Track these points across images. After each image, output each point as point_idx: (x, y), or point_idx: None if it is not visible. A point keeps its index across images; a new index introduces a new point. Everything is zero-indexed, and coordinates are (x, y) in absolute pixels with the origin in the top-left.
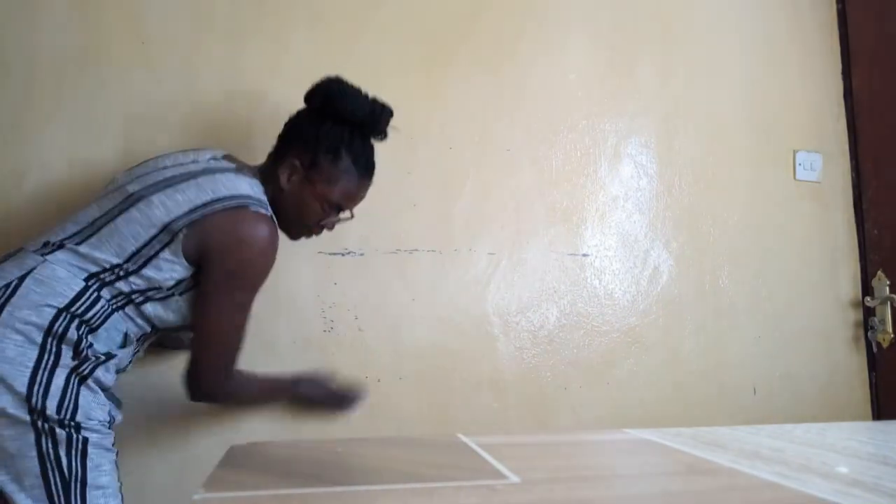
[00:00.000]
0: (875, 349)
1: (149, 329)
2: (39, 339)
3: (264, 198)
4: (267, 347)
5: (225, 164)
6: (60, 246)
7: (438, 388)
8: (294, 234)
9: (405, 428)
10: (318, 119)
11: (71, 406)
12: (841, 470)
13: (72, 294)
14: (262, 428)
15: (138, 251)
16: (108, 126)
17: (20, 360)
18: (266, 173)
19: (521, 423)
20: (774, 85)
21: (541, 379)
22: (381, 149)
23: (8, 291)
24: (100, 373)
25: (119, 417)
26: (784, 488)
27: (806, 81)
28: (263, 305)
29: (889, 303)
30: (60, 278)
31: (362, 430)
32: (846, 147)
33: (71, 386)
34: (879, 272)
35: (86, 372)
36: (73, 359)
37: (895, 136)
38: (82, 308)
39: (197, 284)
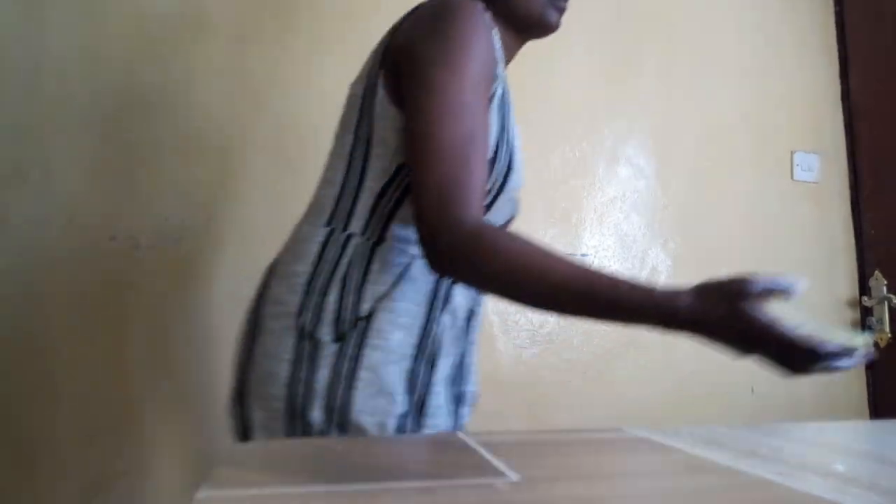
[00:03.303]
0: (872, 349)
1: None
2: None
3: None
4: None
5: None
6: None
7: None
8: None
9: None
10: None
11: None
12: (838, 468)
13: None
14: None
15: None
16: (108, 126)
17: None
18: None
19: (521, 423)
20: (772, 86)
21: (540, 378)
22: None
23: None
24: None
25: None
26: (781, 487)
27: (804, 83)
28: None
29: (886, 302)
30: None
31: None
32: (843, 148)
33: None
34: (877, 272)
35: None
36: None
37: (892, 137)
38: None
39: None
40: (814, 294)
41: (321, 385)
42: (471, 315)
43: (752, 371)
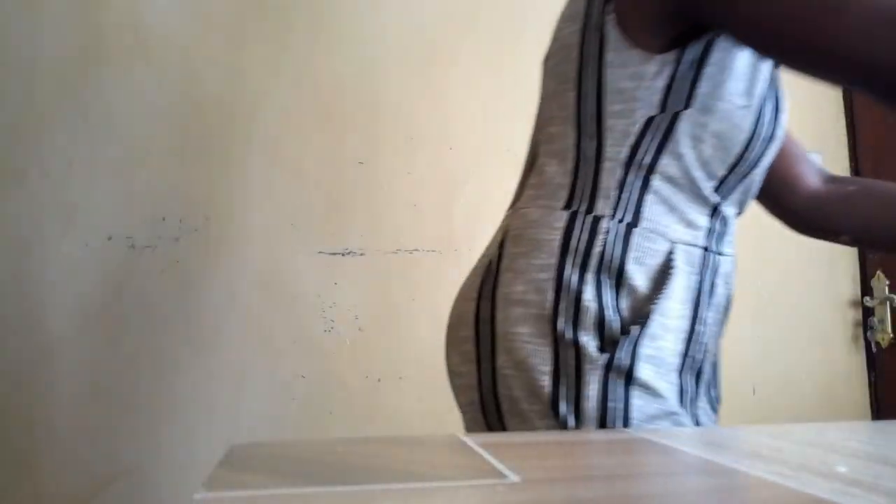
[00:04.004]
0: (874, 349)
1: None
2: None
3: None
4: (267, 347)
5: None
6: None
7: (438, 388)
8: None
9: (405, 428)
10: None
11: None
12: (840, 469)
13: None
14: (262, 428)
15: None
16: (108, 126)
17: None
18: None
19: None
20: None
21: None
22: (381, 149)
23: None
24: None
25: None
26: (783, 488)
27: (805, 82)
28: (264, 305)
29: (888, 303)
30: None
31: (362, 430)
32: (845, 147)
33: None
34: (878, 272)
35: None
36: None
37: (894, 136)
38: None
39: None
40: (815, 294)
41: (591, 405)
42: (728, 304)
43: (753, 371)
